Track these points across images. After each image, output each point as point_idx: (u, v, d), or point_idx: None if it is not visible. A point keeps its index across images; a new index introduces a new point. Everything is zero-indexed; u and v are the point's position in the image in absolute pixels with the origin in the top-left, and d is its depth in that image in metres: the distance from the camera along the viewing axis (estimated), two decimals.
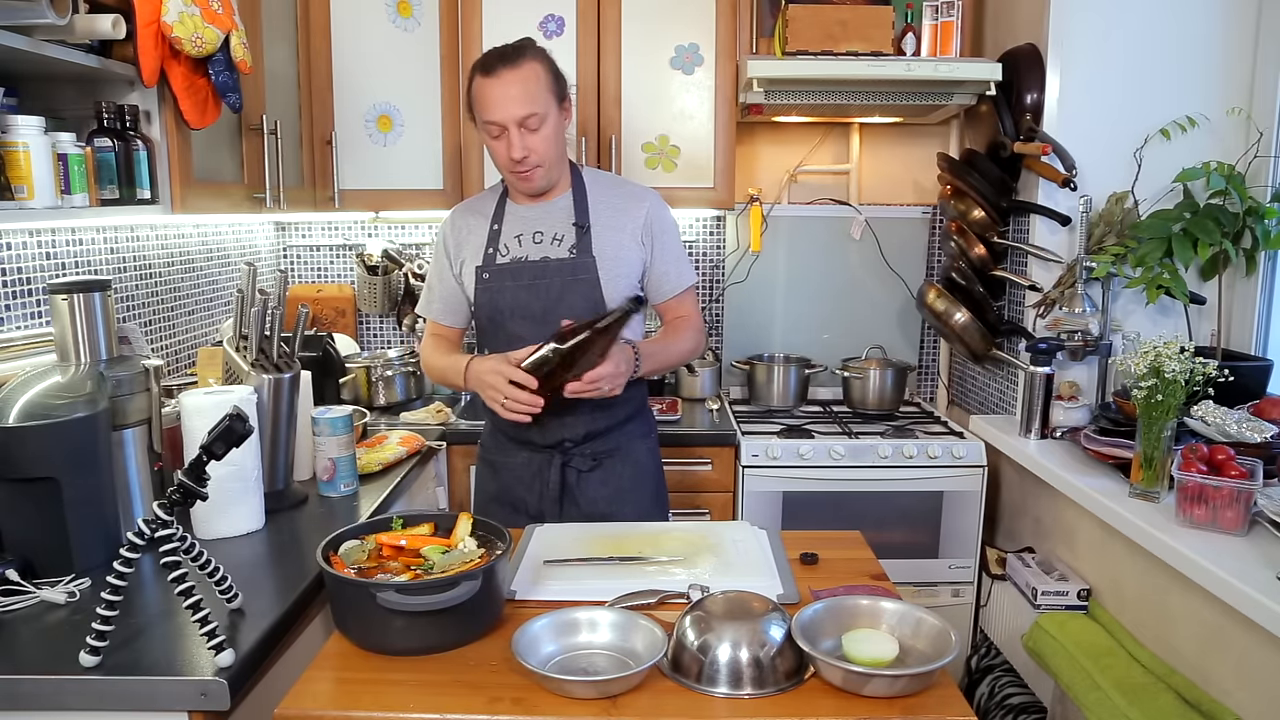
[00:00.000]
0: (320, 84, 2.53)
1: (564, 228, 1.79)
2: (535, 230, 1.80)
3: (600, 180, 1.86)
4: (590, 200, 1.81)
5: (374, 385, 2.62)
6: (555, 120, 1.72)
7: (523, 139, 1.68)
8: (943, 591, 2.45)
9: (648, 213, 1.81)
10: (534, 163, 1.71)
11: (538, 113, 1.67)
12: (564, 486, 1.83)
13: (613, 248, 1.78)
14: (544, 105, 1.68)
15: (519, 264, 1.79)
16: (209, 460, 1.15)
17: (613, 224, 1.79)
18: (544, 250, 1.79)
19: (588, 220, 1.78)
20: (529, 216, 1.82)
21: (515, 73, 1.66)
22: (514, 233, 1.81)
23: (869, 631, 1.17)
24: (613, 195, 1.83)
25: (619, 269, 1.78)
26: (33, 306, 1.79)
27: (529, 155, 1.70)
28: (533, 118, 1.67)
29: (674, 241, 1.85)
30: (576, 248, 1.77)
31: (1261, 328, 2.17)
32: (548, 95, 1.69)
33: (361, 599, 1.18)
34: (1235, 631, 1.52)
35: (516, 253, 1.80)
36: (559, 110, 1.73)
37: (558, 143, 1.74)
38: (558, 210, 1.81)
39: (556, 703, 1.08)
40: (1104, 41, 2.23)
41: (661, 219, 1.83)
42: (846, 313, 2.93)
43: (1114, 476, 1.92)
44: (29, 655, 1.16)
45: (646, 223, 1.80)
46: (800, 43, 2.41)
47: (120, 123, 1.67)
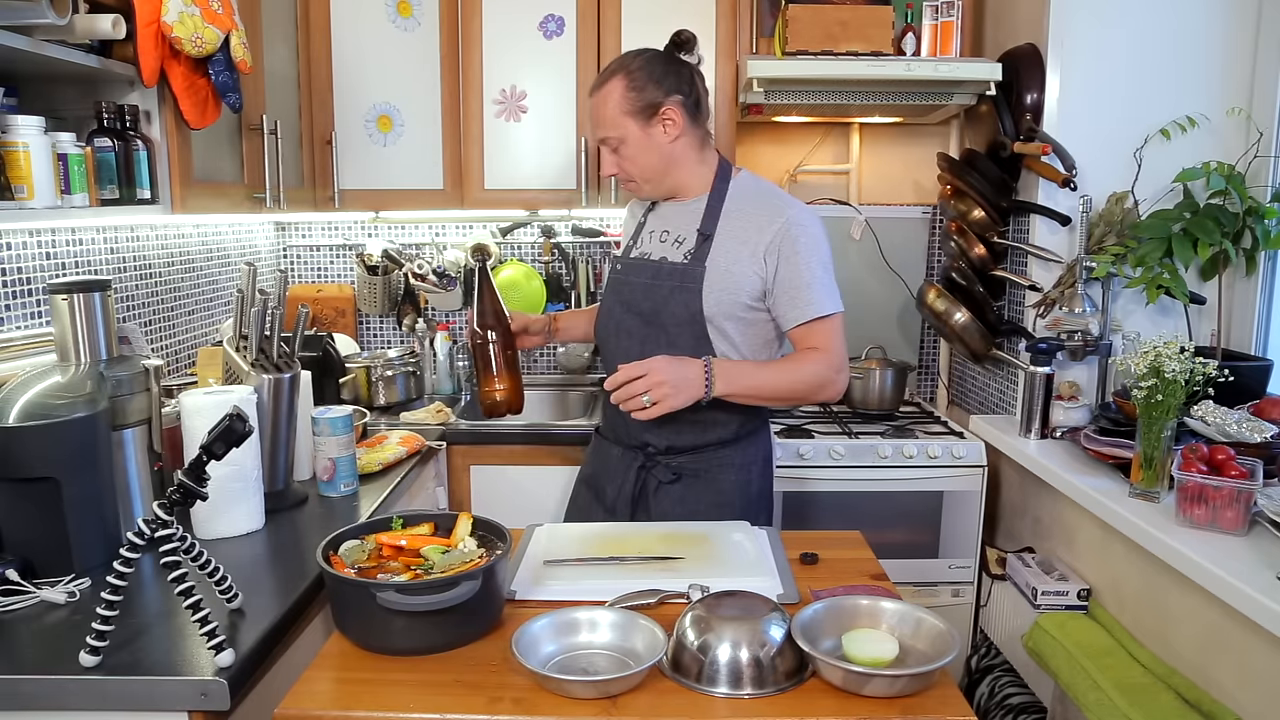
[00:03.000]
0: (320, 84, 2.53)
1: (689, 231, 1.77)
2: (665, 229, 1.81)
3: (746, 190, 1.79)
4: (725, 208, 1.76)
5: (374, 385, 2.62)
6: (638, 138, 1.72)
7: (609, 157, 1.77)
8: (943, 591, 2.45)
9: (779, 230, 1.70)
10: (625, 178, 1.79)
11: (610, 135, 1.73)
12: (641, 491, 1.83)
13: (728, 260, 1.73)
14: (618, 128, 1.71)
15: (641, 261, 1.82)
16: (209, 460, 1.15)
17: (738, 236, 1.73)
18: (665, 250, 1.79)
19: (713, 229, 1.75)
20: (667, 214, 1.83)
21: (597, 97, 1.74)
22: (653, 228, 1.84)
23: (869, 631, 1.17)
24: (749, 206, 1.75)
25: (728, 282, 1.72)
26: (33, 306, 1.79)
27: (618, 172, 1.78)
28: (608, 140, 1.74)
29: (807, 265, 1.70)
30: (693, 254, 1.75)
31: (1261, 328, 2.17)
32: (622, 117, 1.70)
33: (361, 599, 1.18)
34: (1235, 631, 1.52)
35: (646, 248, 1.83)
36: (646, 129, 1.71)
37: (647, 158, 1.73)
38: (689, 213, 1.79)
39: (556, 703, 1.08)
40: (1104, 41, 2.23)
41: (795, 239, 1.70)
42: (847, 313, 2.91)
43: (1114, 476, 1.92)
44: (29, 655, 1.16)
45: (775, 241, 1.70)
46: (800, 43, 2.41)
47: (120, 123, 1.67)
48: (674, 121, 1.71)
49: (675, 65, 1.74)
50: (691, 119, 1.74)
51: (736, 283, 1.72)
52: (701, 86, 1.77)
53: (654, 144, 1.72)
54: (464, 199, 2.63)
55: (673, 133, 1.72)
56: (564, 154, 2.61)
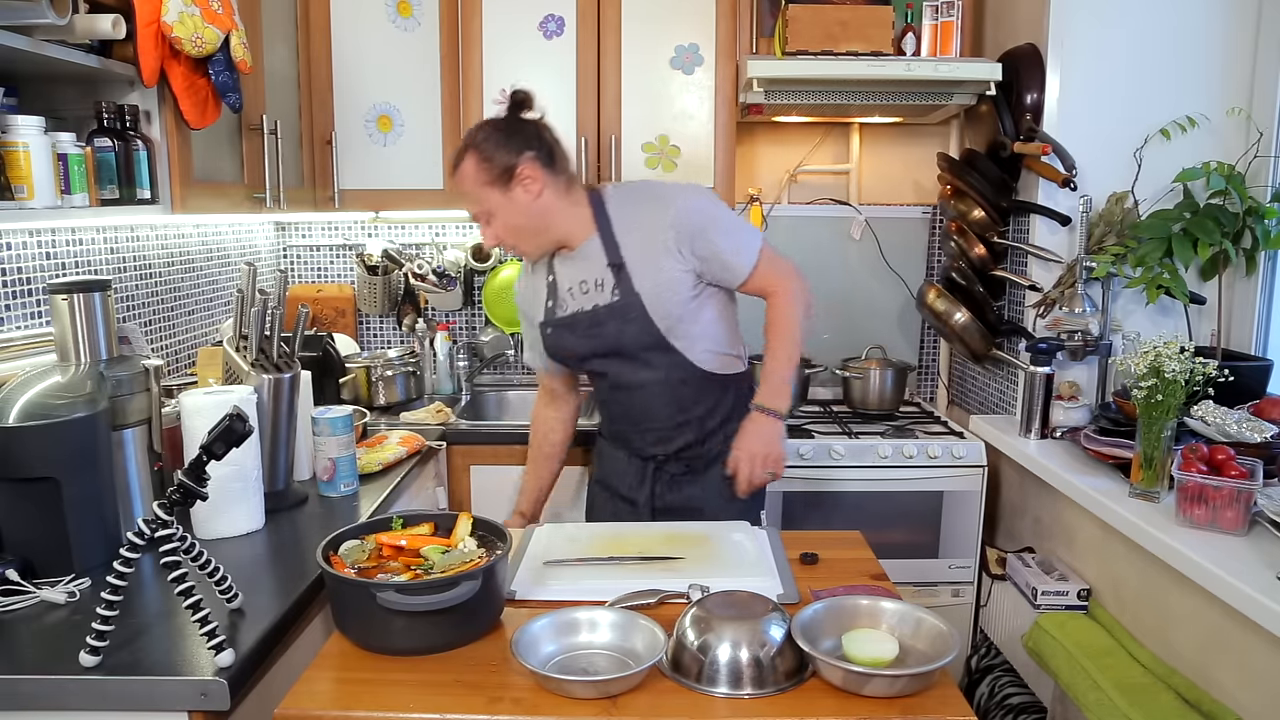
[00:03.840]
0: (320, 84, 2.53)
1: (601, 271, 1.78)
2: (580, 280, 1.81)
3: (625, 202, 1.81)
4: (617, 232, 1.78)
5: (374, 385, 2.62)
6: (503, 205, 1.73)
7: (486, 230, 1.78)
8: (943, 591, 2.45)
9: (676, 218, 1.74)
10: (508, 245, 1.80)
11: (477, 208, 1.75)
12: (655, 488, 1.92)
13: (652, 274, 1.75)
14: (482, 201, 1.73)
15: (575, 317, 1.82)
16: (209, 460, 1.15)
17: (645, 248, 1.76)
18: (593, 299, 1.80)
19: (620, 257, 1.77)
20: (573, 266, 1.83)
21: (455, 179, 1.76)
22: (567, 284, 1.84)
23: (869, 631, 1.17)
24: (639, 215, 1.78)
25: (665, 294, 1.75)
26: (33, 306, 1.79)
27: (499, 241, 1.78)
28: (477, 215, 1.77)
29: (717, 232, 1.76)
30: (618, 288, 1.76)
31: (1261, 328, 2.17)
32: (482, 189, 1.72)
33: (361, 599, 1.18)
34: (1235, 631, 1.52)
35: (572, 305, 1.83)
36: (507, 194, 1.72)
37: (518, 220, 1.74)
38: (590, 256, 1.79)
39: (556, 703, 1.08)
40: (1104, 41, 2.23)
41: (692, 217, 1.75)
42: (846, 313, 2.93)
43: (1114, 476, 1.92)
44: (29, 655, 1.16)
45: (678, 230, 1.74)
46: (800, 43, 2.41)
47: (120, 123, 1.67)
48: (532, 178, 1.72)
49: (518, 125, 1.75)
50: (549, 170, 1.74)
51: (672, 289, 1.76)
52: (549, 136, 1.77)
53: (520, 206, 1.73)
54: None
55: (534, 190, 1.73)
56: None
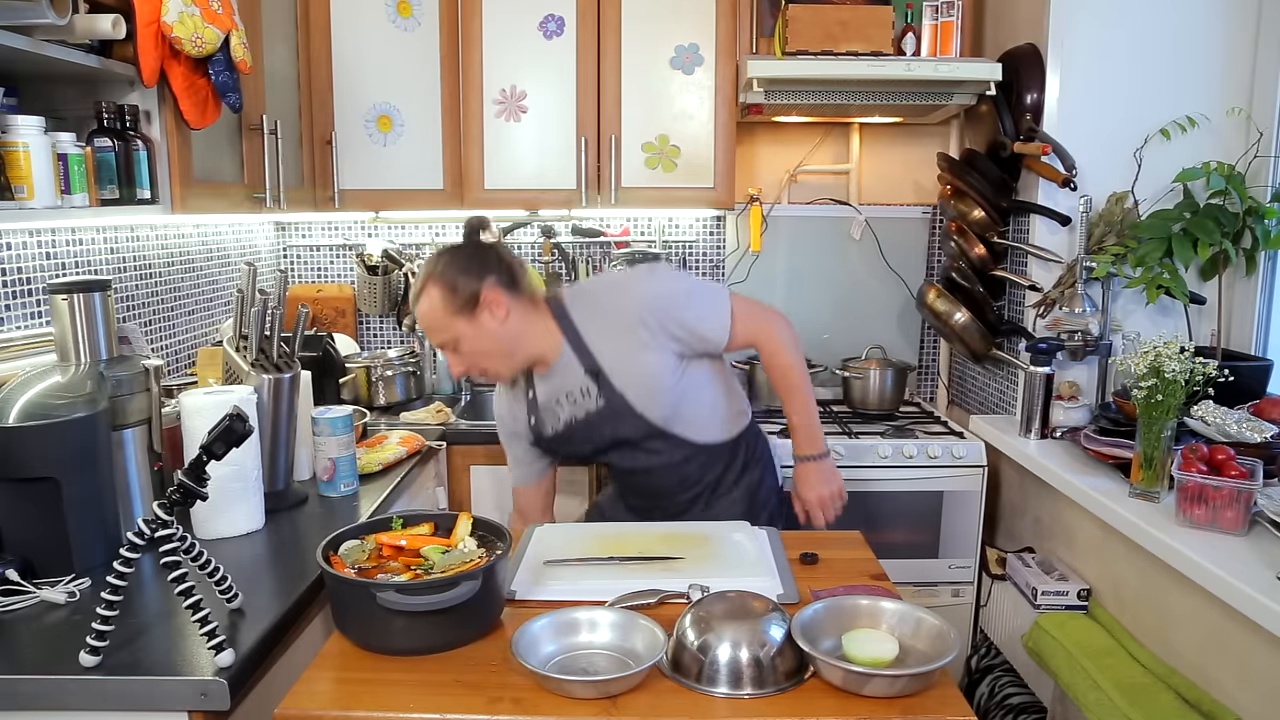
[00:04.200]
0: (320, 84, 2.53)
1: (581, 380, 1.77)
2: (566, 391, 1.79)
3: (587, 308, 1.78)
4: (586, 338, 1.76)
5: (374, 385, 2.62)
6: (471, 333, 1.70)
7: (455, 359, 1.74)
8: (943, 591, 2.45)
9: (640, 312, 1.72)
10: (478, 371, 1.76)
11: (444, 337, 1.72)
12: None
13: (631, 371, 1.73)
14: (449, 330, 1.70)
15: (568, 428, 1.81)
16: (209, 460, 1.15)
17: (619, 347, 1.74)
18: (582, 406, 1.78)
19: (595, 363, 1.75)
20: (552, 382, 1.80)
21: (418, 312, 1.72)
22: (550, 401, 1.81)
23: (869, 631, 1.17)
24: (603, 318, 1.76)
25: (652, 388, 1.74)
26: (33, 306, 1.79)
27: (468, 369, 1.75)
28: (445, 344, 1.73)
29: (684, 305, 1.75)
30: (601, 394, 1.75)
31: (1261, 328, 2.17)
32: (448, 318, 1.69)
33: (361, 599, 1.18)
34: (1235, 631, 1.52)
35: (564, 416, 1.81)
36: (472, 321, 1.69)
37: (486, 345, 1.71)
38: (567, 370, 1.77)
39: (556, 703, 1.08)
40: (1104, 41, 2.23)
41: (656, 304, 1.73)
42: (846, 313, 2.93)
43: (1114, 476, 1.92)
44: (29, 655, 1.16)
45: (646, 322, 1.72)
46: (800, 43, 2.41)
47: (120, 123, 1.67)
48: (497, 303, 1.70)
49: (478, 251, 1.73)
50: (512, 292, 1.72)
51: (658, 382, 1.74)
52: (509, 257, 1.75)
53: (488, 331, 1.70)
54: (464, 199, 2.63)
55: (500, 314, 1.70)
56: (564, 154, 2.60)
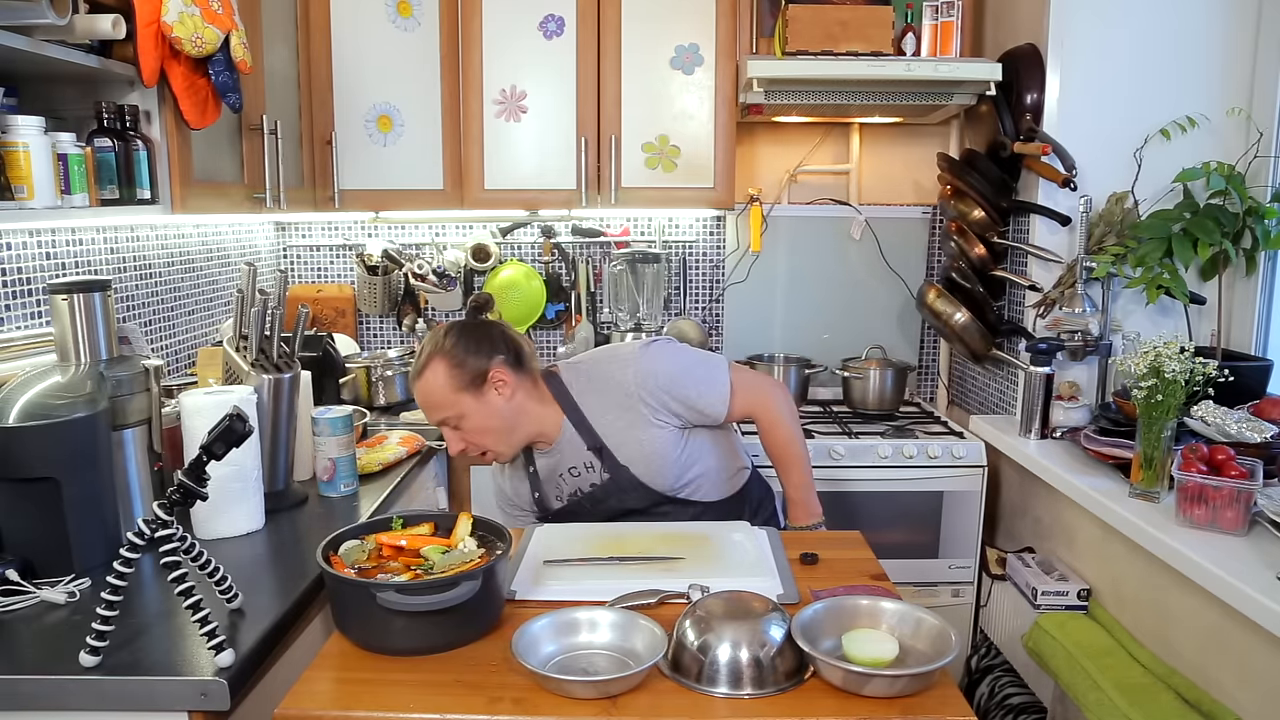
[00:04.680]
0: (320, 84, 2.53)
1: (584, 456, 1.76)
2: (570, 466, 1.78)
3: (586, 386, 1.77)
4: (588, 415, 1.75)
5: (374, 385, 2.62)
6: (476, 409, 1.68)
7: (455, 436, 1.71)
8: (943, 591, 2.45)
9: (639, 390, 1.72)
10: (478, 450, 1.73)
11: (447, 414, 1.69)
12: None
13: (635, 446, 1.73)
14: (454, 406, 1.67)
15: (574, 500, 1.80)
16: (209, 460, 1.15)
17: (620, 424, 1.73)
18: (587, 479, 1.78)
19: (598, 439, 1.74)
20: (554, 460, 1.79)
21: (420, 384, 1.69)
22: (553, 476, 1.80)
23: (869, 631, 1.17)
24: (602, 396, 1.75)
25: (655, 462, 1.74)
26: (33, 306, 1.79)
27: (467, 447, 1.72)
28: (446, 420, 1.70)
29: (682, 380, 1.74)
30: (605, 468, 1.75)
31: (1261, 328, 2.17)
32: (454, 394, 1.67)
33: (361, 599, 1.18)
34: (1235, 631, 1.52)
35: (568, 489, 1.80)
36: (479, 398, 1.68)
37: (490, 423, 1.69)
38: (570, 446, 1.76)
39: (556, 703, 1.08)
40: (1104, 41, 2.23)
41: (654, 381, 1.72)
42: (846, 313, 2.93)
43: (1114, 476, 1.92)
44: (29, 655, 1.16)
45: (645, 400, 1.72)
46: (800, 43, 2.41)
47: (120, 123, 1.67)
48: (505, 381, 1.69)
49: (484, 329, 1.72)
50: (517, 372, 1.71)
51: (661, 458, 1.74)
52: (513, 335, 1.75)
53: (493, 409, 1.69)
54: (464, 199, 2.63)
55: (506, 393, 1.69)
56: (564, 154, 2.60)
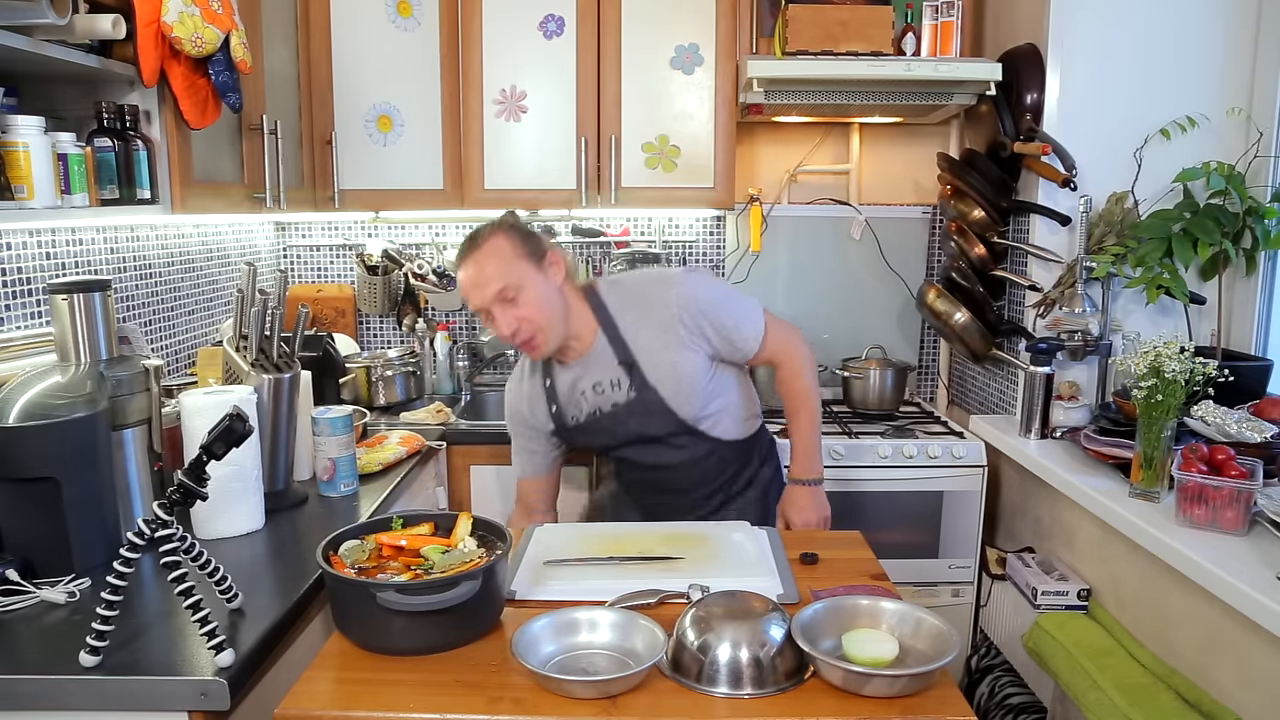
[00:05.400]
0: (320, 84, 2.53)
1: (614, 371, 1.75)
2: (593, 383, 1.78)
3: (625, 299, 1.78)
4: (623, 329, 1.75)
5: (374, 385, 2.62)
6: (537, 283, 1.68)
7: (507, 313, 1.67)
8: (943, 591, 2.45)
9: (680, 311, 1.73)
10: (529, 332, 1.69)
11: (507, 283, 1.66)
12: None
13: (667, 368, 1.73)
14: (516, 275, 1.66)
15: (592, 420, 1.79)
16: (209, 460, 1.15)
17: (655, 342, 1.74)
18: (610, 398, 1.77)
19: (631, 355, 1.74)
20: (579, 372, 1.79)
21: (480, 254, 1.67)
22: (574, 391, 1.79)
23: (869, 631, 1.17)
24: (642, 311, 1.76)
25: (683, 385, 1.74)
26: (33, 306, 1.79)
27: (520, 326, 1.68)
28: (504, 290, 1.66)
29: (722, 311, 1.76)
30: (633, 386, 1.74)
31: (1261, 328, 2.17)
32: (518, 263, 1.66)
33: (361, 599, 1.18)
34: (1235, 631, 1.52)
35: (586, 408, 1.79)
36: (539, 271, 1.69)
37: (547, 305, 1.69)
38: (600, 357, 1.76)
39: (556, 703, 1.08)
40: (1104, 41, 2.23)
41: (696, 304, 1.74)
42: (846, 313, 2.93)
43: (1114, 476, 1.92)
44: (29, 655, 1.16)
45: (685, 321, 1.73)
46: (800, 43, 2.41)
47: (120, 123, 1.67)
48: (558, 265, 1.70)
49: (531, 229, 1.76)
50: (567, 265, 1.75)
51: (691, 382, 1.74)
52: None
53: (551, 286, 1.70)
54: (464, 199, 2.63)
55: (559, 275, 1.71)
56: (564, 154, 2.60)
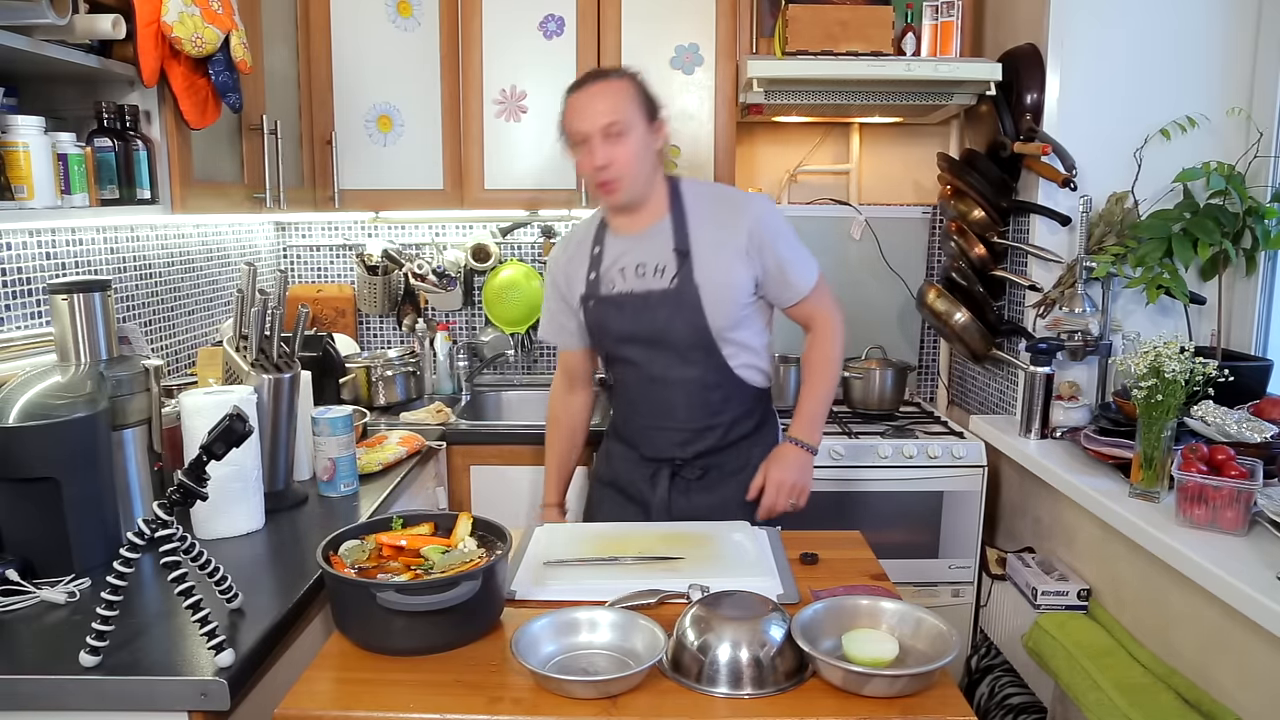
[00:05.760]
0: (320, 84, 2.53)
1: (665, 256, 1.76)
2: (638, 262, 1.78)
3: (702, 195, 1.81)
4: (690, 221, 1.77)
5: (374, 385, 2.62)
6: (641, 135, 1.70)
7: (605, 147, 1.69)
8: (943, 591, 2.45)
9: (752, 223, 1.75)
10: (615, 173, 1.70)
11: (620, 120, 1.68)
12: (671, 493, 1.87)
13: (717, 270, 1.74)
14: (628, 116, 1.68)
15: (623, 298, 1.78)
16: (209, 460, 1.15)
17: (716, 242, 1.75)
18: (647, 283, 1.76)
19: (688, 245, 1.75)
20: (630, 246, 1.79)
21: (603, 85, 1.70)
22: (617, 263, 1.80)
23: (869, 631, 1.18)
24: (715, 210, 1.78)
25: (724, 293, 1.74)
26: (33, 306, 1.79)
27: (610, 165, 1.69)
28: (614, 125, 1.68)
29: (786, 244, 1.78)
30: (678, 276, 1.74)
31: (1261, 328, 2.17)
32: (634, 109, 1.69)
33: (361, 599, 1.18)
34: (1235, 631, 1.52)
35: (621, 286, 1.79)
36: (647, 128, 1.72)
37: (643, 158, 1.72)
38: (658, 238, 1.77)
39: (556, 703, 1.08)
40: (1104, 41, 2.23)
41: (768, 224, 1.76)
42: (847, 313, 2.91)
43: (1114, 476, 1.92)
44: (29, 655, 1.16)
45: (752, 234, 1.74)
46: (800, 43, 2.41)
47: (120, 123, 1.67)
48: (662, 134, 1.74)
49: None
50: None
51: (732, 289, 1.75)
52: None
53: (650, 145, 1.73)
54: (464, 199, 2.63)
55: (658, 143, 1.74)
56: (564, 154, 2.60)
